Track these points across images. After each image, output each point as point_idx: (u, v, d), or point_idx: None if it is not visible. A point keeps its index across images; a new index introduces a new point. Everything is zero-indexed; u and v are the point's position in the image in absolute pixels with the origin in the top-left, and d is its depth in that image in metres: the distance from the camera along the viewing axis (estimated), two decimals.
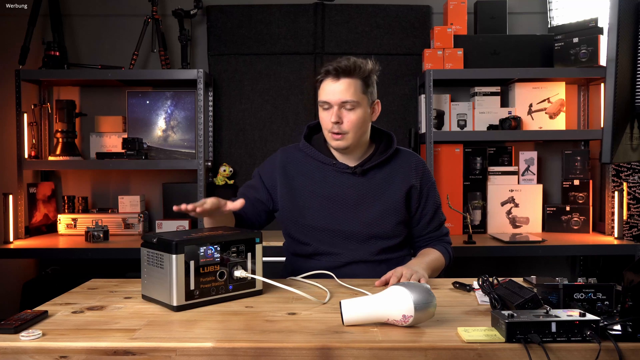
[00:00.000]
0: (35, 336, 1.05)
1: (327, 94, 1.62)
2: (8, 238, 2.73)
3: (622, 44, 1.09)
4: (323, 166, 1.71)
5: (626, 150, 1.16)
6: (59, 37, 2.97)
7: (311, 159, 1.73)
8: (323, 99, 1.63)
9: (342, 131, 1.62)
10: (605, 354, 1.00)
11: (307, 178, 1.71)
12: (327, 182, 1.69)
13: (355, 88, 1.61)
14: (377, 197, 1.68)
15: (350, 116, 1.61)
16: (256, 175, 1.80)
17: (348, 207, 1.67)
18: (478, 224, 2.93)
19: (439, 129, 2.92)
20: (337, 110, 1.60)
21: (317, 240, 1.67)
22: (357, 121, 1.62)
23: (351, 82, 1.60)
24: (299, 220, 1.68)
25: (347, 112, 1.61)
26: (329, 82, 1.62)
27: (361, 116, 1.62)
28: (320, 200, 1.68)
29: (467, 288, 1.44)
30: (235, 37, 3.06)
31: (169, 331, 1.11)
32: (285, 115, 3.08)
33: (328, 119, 1.62)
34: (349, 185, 1.68)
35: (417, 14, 3.07)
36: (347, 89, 1.60)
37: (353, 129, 1.62)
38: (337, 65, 1.60)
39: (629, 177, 2.85)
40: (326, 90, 1.62)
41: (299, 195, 1.70)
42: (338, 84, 1.60)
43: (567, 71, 2.78)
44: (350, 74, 1.60)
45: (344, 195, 1.67)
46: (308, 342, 1.03)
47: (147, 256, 1.33)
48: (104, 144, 3.00)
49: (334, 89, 1.60)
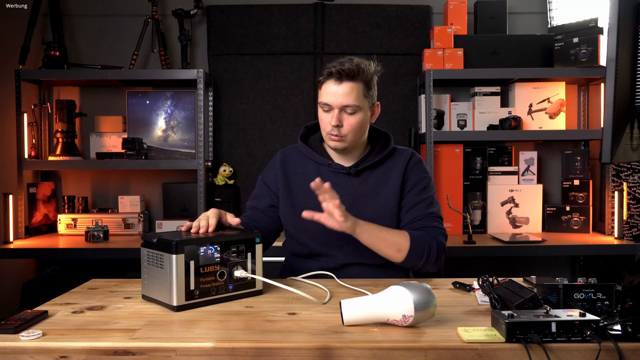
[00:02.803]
0: (35, 336, 1.05)
1: (328, 96, 1.60)
2: (8, 238, 2.73)
3: (622, 44, 1.09)
4: (319, 166, 1.71)
5: (626, 150, 1.16)
6: (59, 37, 2.97)
7: (308, 160, 1.73)
8: (324, 101, 1.61)
9: (342, 134, 1.61)
10: (605, 354, 1.00)
11: (303, 178, 1.70)
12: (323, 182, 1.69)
13: (358, 92, 1.59)
14: (371, 197, 1.67)
15: (350, 120, 1.60)
16: (260, 182, 1.80)
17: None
18: (478, 224, 2.93)
19: (439, 129, 2.92)
20: (338, 114, 1.59)
21: (312, 241, 1.67)
22: (357, 125, 1.61)
23: (354, 85, 1.58)
24: (296, 220, 1.67)
25: (347, 115, 1.60)
26: (331, 84, 1.60)
27: (361, 120, 1.62)
28: (315, 201, 1.64)
29: (467, 288, 1.43)
30: (235, 37, 3.06)
31: (169, 331, 1.11)
32: (285, 115, 3.08)
33: (328, 121, 1.61)
34: (344, 186, 1.68)
35: (417, 14, 3.07)
36: (349, 93, 1.58)
37: (352, 132, 1.62)
38: (340, 67, 1.57)
39: (629, 177, 2.85)
40: (328, 92, 1.60)
41: (296, 195, 1.70)
42: (340, 87, 1.58)
43: (567, 71, 2.78)
44: (353, 78, 1.58)
45: (339, 195, 1.64)
46: (308, 342, 1.03)
47: (147, 256, 1.33)
48: (104, 144, 3.00)
49: (336, 92, 1.59)
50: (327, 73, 1.60)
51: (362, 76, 1.59)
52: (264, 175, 1.80)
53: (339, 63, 1.59)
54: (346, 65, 1.57)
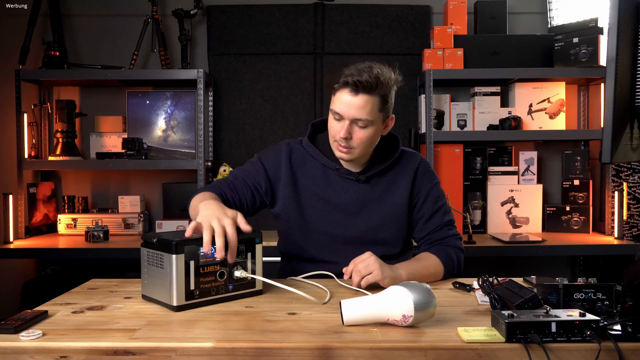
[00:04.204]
0: (35, 336, 1.05)
1: (341, 105, 1.52)
2: (8, 238, 2.73)
3: (622, 44, 1.09)
4: (326, 169, 1.66)
5: (626, 150, 1.16)
6: (59, 37, 2.97)
7: (314, 160, 1.67)
8: (336, 110, 1.54)
9: (350, 146, 1.55)
10: (605, 354, 1.00)
11: (310, 179, 1.65)
12: (329, 185, 1.64)
13: (372, 106, 1.51)
14: (379, 204, 1.64)
15: (360, 133, 1.54)
16: (257, 163, 1.68)
17: (350, 213, 1.63)
18: (478, 224, 2.92)
19: (439, 129, 2.92)
20: (349, 125, 1.52)
21: (315, 244, 1.64)
22: (367, 139, 1.55)
23: (369, 99, 1.50)
24: (299, 221, 1.64)
25: (358, 128, 1.53)
26: (345, 93, 1.51)
27: (372, 134, 1.56)
28: (321, 204, 1.63)
29: (467, 288, 1.43)
30: (235, 37, 3.06)
31: (169, 331, 1.11)
32: (285, 115, 3.08)
33: (337, 130, 1.54)
34: (352, 192, 1.64)
35: (417, 14, 3.07)
36: (363, 107, 1.50)
37: (361, 145, 1.56)
38: (358, 78, 1.48)
39: (629, 177, 2.85)
40: (341, 101, 1.52)
41: (301, 195, 1.65)
42: (355, 99, 1.50)
43: (567, 71, 2.78)
44: (370, 91, 1.50)
45: (346, 201, 1.63)
46: (308, 342, 1.03)
47: (147, 256, 1.33)
48: (104, 144, 3.00)
49: (350, 104, 1.51)
50: (343, 82, 1.51)
51: (379, 90, 1.51)
52: (265, 159, 1.68)
53: (357, 71, 1.50)
54: (364, 77, 1.48)
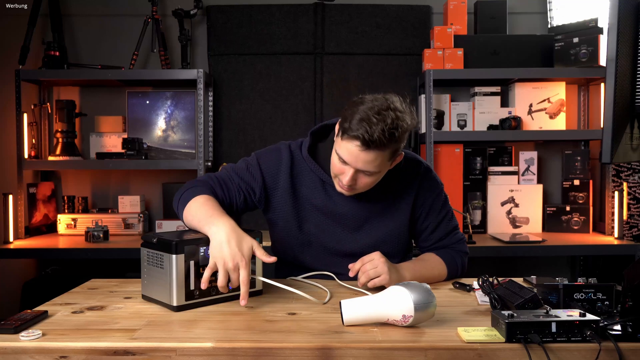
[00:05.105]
0: (35, 336, 1.05)
1: (348, 155, 1.40)
2: (8, 238, 2.73)
3: (622, 44, 1.09)
4: (326, 183, 1.57)
5: (626, 150, 1.16)
6: (59, 37, 2.97)
7: (314, 173, 1.58)
8: (342, 156, 1.41)
9: (353, 188, 1.47)
10: (605, 354, 1.00)
11: (309, 190, 1.57)
12: (330, 199, 1.57)
13: (382, 159, 1.40)
14: (381, 220, 1.58)
15: (366, 179, 1.44)
16: (254, 166, 1.58)
17: (351, 228, 1.58)
18: (478, 224, 2.92)
19: (439, 129, 2.92)
20: (354, 173, 1.42)
21: (312, 257, 1.59)
22: (372, 183, 1.47)
23: (379, 154, 1.38)
24: (297, 233, 1.58)
25: (364, 175, 1.43)
26: (354, 145, 1.37)
27: (377, 179, 1.47)
28: (321, 217, 1.57)
29: (467, 288, 1.43)
30: (235, 37, 3.06)
31: (169, 331, 1.11)
32: (285, 115, 3.08)
33: (341, 171, 1.44)
34: (353, 207, 1.56)
35: (417, 14, 3.07)
36: (372, 161, 1.39)
37: (364, 188, 1.48)
38: (370, 137, 1.34)
39: (629, 177, 2.85)
40: (349, 151, 1.39)
41: (301, 206, 1.58)
42: (364, 154, 1.37)
43: (567, 71, 2.78)
44: (383, 147, 1.37)
45: (347, 216, 1.57)
46: (308, 342, 1.03)
47: (147, 256, 1.33)
48: (104, 144, 3.00)
49: (357, 157, 1.38)
50: (354, 136, 1.36)
51: (392, 145, 1.39)
52: (262, 160, 1.59)
53: (368, 125, 1.34)
54: (376, 135, 1.34)
